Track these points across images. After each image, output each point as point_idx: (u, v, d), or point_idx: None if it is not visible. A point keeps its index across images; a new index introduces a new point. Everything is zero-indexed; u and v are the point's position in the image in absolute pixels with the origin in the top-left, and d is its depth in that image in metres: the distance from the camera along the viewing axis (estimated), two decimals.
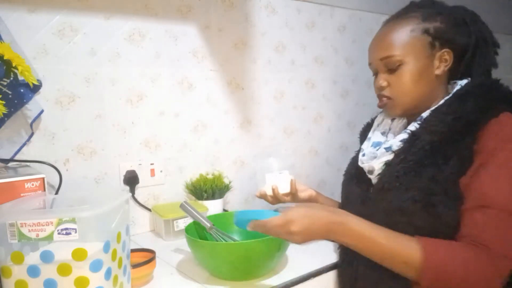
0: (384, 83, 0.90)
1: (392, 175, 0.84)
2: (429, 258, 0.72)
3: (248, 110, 1.56)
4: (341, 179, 1.08)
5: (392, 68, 0.88)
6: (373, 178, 0.91)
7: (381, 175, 0.88)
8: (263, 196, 1.15)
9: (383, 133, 0.98)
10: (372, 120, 1.09)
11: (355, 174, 0.99)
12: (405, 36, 0.87)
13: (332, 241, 0.81)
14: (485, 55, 0.91)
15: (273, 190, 1.13)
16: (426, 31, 0.87)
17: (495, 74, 0.93)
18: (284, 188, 1.13)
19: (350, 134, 1.88)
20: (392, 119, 0.98)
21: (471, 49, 0.91)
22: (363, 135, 1.08)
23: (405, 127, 0.94)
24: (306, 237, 0.77)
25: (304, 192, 1.14)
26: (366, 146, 0.98)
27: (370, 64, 0.94)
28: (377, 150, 0.92)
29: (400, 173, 0.83)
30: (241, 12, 1.51)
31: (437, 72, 0.88)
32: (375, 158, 0.91)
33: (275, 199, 1.14)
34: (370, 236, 0.75)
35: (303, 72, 1.71)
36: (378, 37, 0.92)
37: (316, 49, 1.75)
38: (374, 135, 0.98)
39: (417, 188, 0.79)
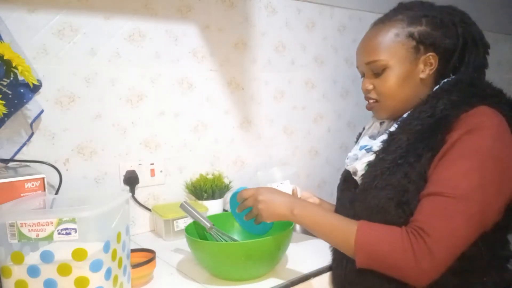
0: (370, 86, 0.92)
1: (371, 175, 0.86)
2: (360, 238, 0.78)
3: (248, 110, 1.56)
4: None
5: (377, 72, 0.90)
6: (358, 179, 0.93)
7: (364, 176, 0.90)
8: None
9: (371, 137, 0.98)
10: None
11: (346, 177, 1.01)
12: (389, 40, 0.88)
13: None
14: (475, 56, 0.91)
15: None
16: (410, 36, 0.88)
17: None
18: None
19: (350, 134, 1.88)
20: (381, 123, 0.99)
21: (458, 51, 0.90)
22: (359, 137, 1.09)
23: None
24: (269, 208, 0.87)
25: (308, 200, 1.12)
26: (354, 149, 0.99)
27: (357, 67, 0.96)
28: (359, 151, 0.94)
29: (378, 172, 0.84)
30: (241, 12, 1.52)
31: (422, 75, 0.89)
32: (356, 160, 0.93)
33: None
34: (320, 218, 0.84)
35: (303, 72, 1.71)
36: (364, 41, 0.93)
37: (316, 49, 1.75)
38: (362, 140, 0.99)
39: (391, 186, 0.81)
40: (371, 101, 0.94)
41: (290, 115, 1.69)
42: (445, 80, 0.89)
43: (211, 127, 1.47)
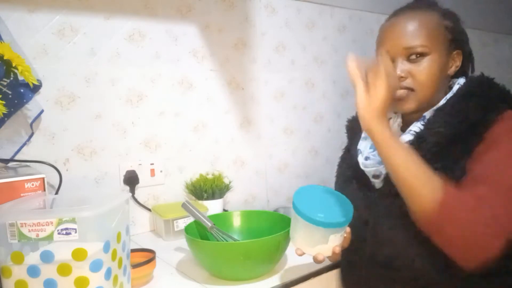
0: (404, 73, 0.84)
1: None
2: (447, 198, 0.70)
3: (248, 110, 1.56)
4: None
5: (413, 59, 0.84)
6: (378, 182, 0.89)
7: (388, 179, 0.85)
8: (319, 259, 0.84)
9: None
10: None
11: (352, 177, 0.96)
12: (433, 28, 0.84)
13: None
14: (468, 64, 0.93)
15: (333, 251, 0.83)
16: (447, 28, 0.86)
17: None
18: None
19: None
20: (388, 118, 0.96)
21: (468, 56, 0.91)
22: (351, 131, 1.05)
23: (401, 127, 0.93)
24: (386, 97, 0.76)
25: None
26: (364, 147, 0.94)
27: (385, 52, 0.87)
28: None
29: None
30: (241, 12, 1.51)
31: (449, 71, 0.88)
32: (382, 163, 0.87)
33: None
34: (409, 154, 0.74)
35: (303, 72, 1.71)
36: (402, 24, 0.86)
37: (316, 49, 1.75)
38: None
39: None
40: (402, 90, 0.85)
41: (290, 115, 1.69)
42: (465, 80, 0.88)
43: (211, 127, 1.47)
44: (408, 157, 0.74)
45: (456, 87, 0.87)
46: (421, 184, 0.72)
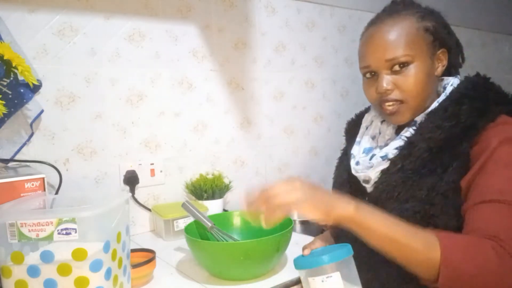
0: (390, 86, 0.83)
1: (390, 184, 0.81)
2: (446, 258, 0.66)
3: (248, 110, 1.56)
4: None
5: (397, 70, 0.82)
6: (369, 187, 0.88)
7: (377, 184, 0.85)
8: None
9: (373, 138, 0.94)
10: (357, 116, 1.07)
11: (346, 180, 0.96)
12: (411, 34, 0.83)
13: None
14: (458, 56, 0.92)
15: None
16: (427, 30, 0.84)
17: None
18: None
19: None
20: (382, 121, 0.95)
21: (454, 50, 0.90)
22: (349, 133, 1.04)
23: (395, 130, 0.92)
24: (319, 199, 0.69)
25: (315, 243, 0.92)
26: (357, 152, 0.94)
27: (367, 66, 0.86)
28: (372, 159, 0.88)
29: (398, 182, 0.80)
30: (241, 12, 1.52)
31: (437, 72, 0.86)
32: (371, 168, 0.87)
33: None
34: (392, 225, 0.70)
35: (303, 72, 1.71)
36: (380, 36, 0.85)
37: (316, 49, 1.75)
38: (364, 140, 0.95)
39: (416, 198, 0.77)
40: (391, 103, 0.84)
41: (290, 115, 1.69)
42: (458, 82, 0.87)
43: (211, 127, 1.47)
44: (392, 225, 0.69)
45: (449, 89, 0.86)
46: (414, 251, 0.68)
